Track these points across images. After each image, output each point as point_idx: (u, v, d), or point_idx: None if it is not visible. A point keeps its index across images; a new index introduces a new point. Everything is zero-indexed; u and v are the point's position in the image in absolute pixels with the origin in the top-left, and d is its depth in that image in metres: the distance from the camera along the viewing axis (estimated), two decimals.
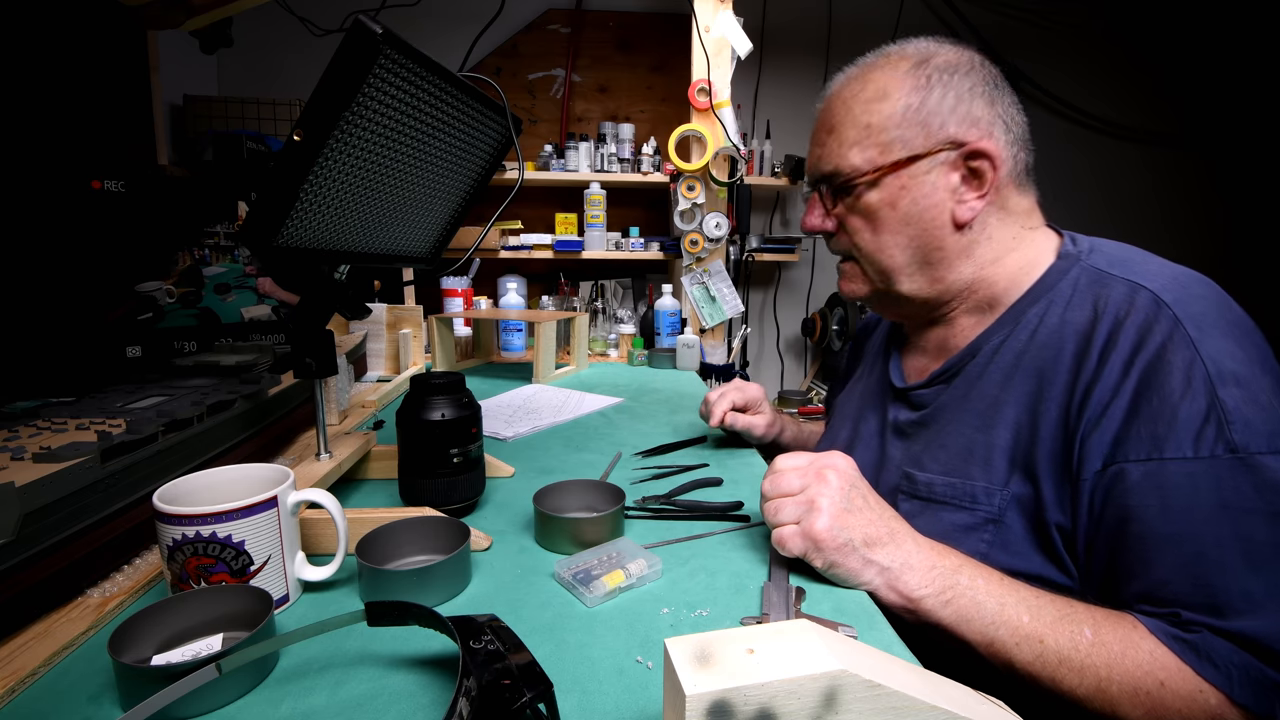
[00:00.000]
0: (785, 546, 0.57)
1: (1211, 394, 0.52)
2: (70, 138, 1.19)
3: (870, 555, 0.56)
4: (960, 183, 0.65)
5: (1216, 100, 3.03)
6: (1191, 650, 0.49)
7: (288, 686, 0.44)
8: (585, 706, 0.42)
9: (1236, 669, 0.48)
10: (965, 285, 0.69)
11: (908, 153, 0.65)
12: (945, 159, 0.65)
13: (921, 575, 0.55)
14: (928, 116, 0.64)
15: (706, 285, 1.94)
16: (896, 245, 0.68)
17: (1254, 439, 0.50)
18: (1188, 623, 0.50)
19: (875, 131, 0.66)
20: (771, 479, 0.61)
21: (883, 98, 0.66)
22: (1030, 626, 0.53)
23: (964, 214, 0.66)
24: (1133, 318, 0.57)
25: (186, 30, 1.24)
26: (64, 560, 0.51)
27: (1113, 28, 2.94)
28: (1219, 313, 0.56)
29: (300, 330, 0.66)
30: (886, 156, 0.66)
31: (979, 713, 0.35)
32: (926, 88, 0.65)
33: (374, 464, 0.83)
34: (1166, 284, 0.58)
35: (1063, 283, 0.64)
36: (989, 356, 0.66)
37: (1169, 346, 0.54)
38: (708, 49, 1.84)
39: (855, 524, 0.57)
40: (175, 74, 2.04)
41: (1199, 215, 3.12)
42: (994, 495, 0.61)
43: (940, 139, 0.64)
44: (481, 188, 0.84)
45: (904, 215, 0.66)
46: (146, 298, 0.95)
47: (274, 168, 0.54)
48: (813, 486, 0.58)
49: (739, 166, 1.95)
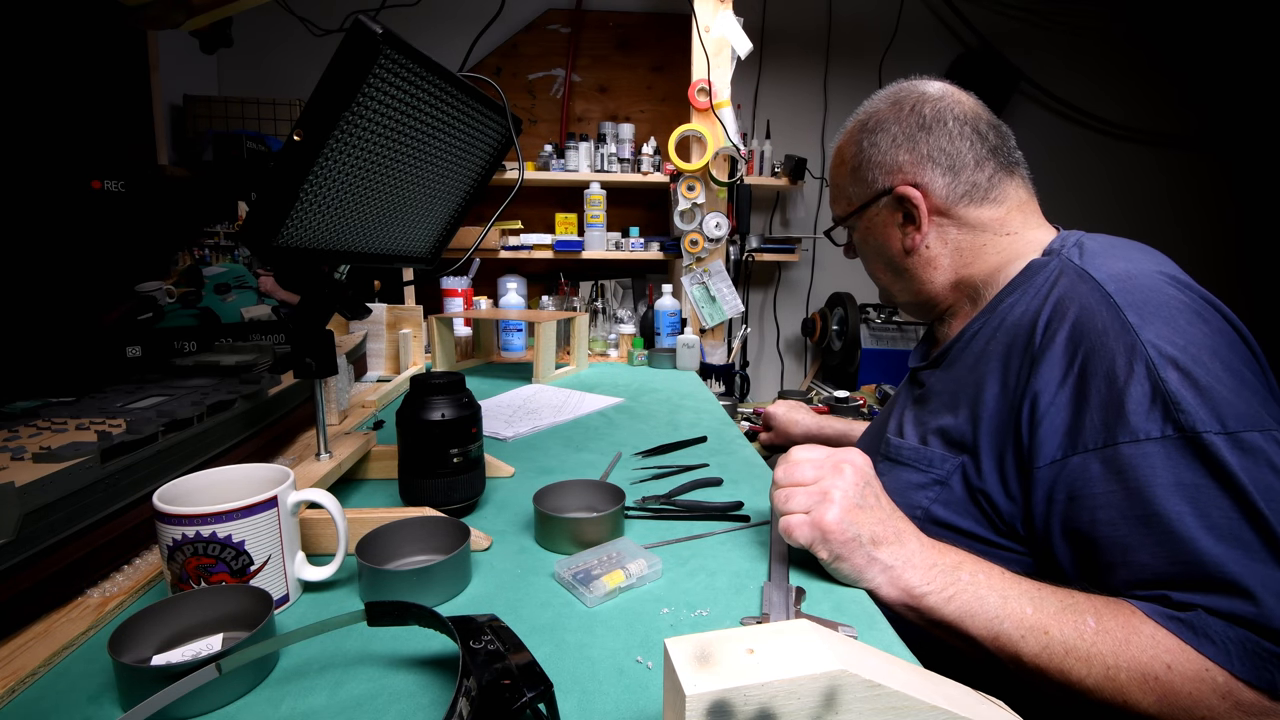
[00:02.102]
0: (792, 535, 0.57)
1: (1155, 377, 0.54)
2: (70, 138, 1.19)
3: (875, 553, 0.56)
4: (903, 219, 0.77)
5: (1232, 101, 3.02)
6: (1188, 629, 0.50)
7: (288, 686, 0.44)
8: (585, 706, 0.42)
9: (1233, 644, 0.48)
10: (947, 287, 0.77)
11: (860, 202, 0.80)
12: (884, 203, 0.78)
13: (924, 573, 0.56)
14: (864, 173, 0.79)
15: (706, 285, 1.94)
16: (878, 269, 0.84)
17: (1199, 419, 0.52)
18: (1180, 604, 0.51)
19: (841, 190, 0.83)
20: (785, 467, 0.61)
21: (841, 163, 0.83)
22: (1034, 618, 0.53)
23: (910, 243, 0.77)
24: (1073, 307, 0.60)
25: (186, 30, 1.24)
26: (64, 560, 0.51)
27: (1114, 28, 2.94)
28: (1164, 299, 0.57)
29: (300, 330, 0.66)
30: (849, 208, 0.82)
31: (979, 713, 0.35)
32: (861, 150, 0.79)
33: (374, 464, 0.83)
34: (1116, 274, 0.60)
35: (1039, 276, 0.68)
36: (967, 343, 0.72)
37: (1109, 333, 0.56)
38: (708, 49, 1.84)
39: (865, 521, 0.57)
40: (175, 74, 2.03)
41: (1213, 217, 3.12)
42: (946, 462, 0.68)
43: (875, 190, 0.78)
44: (481, 188, 0.84)
45: (874, 248, 0.82)
46: (146, 298, 0.95)
47: (274, 168, 0.54)
48: (827, 478, 0.58)
49: (739, 166, 1.95)
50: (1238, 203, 3.12)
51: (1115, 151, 3.03)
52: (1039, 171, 0.78)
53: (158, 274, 0.97)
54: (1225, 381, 0.53)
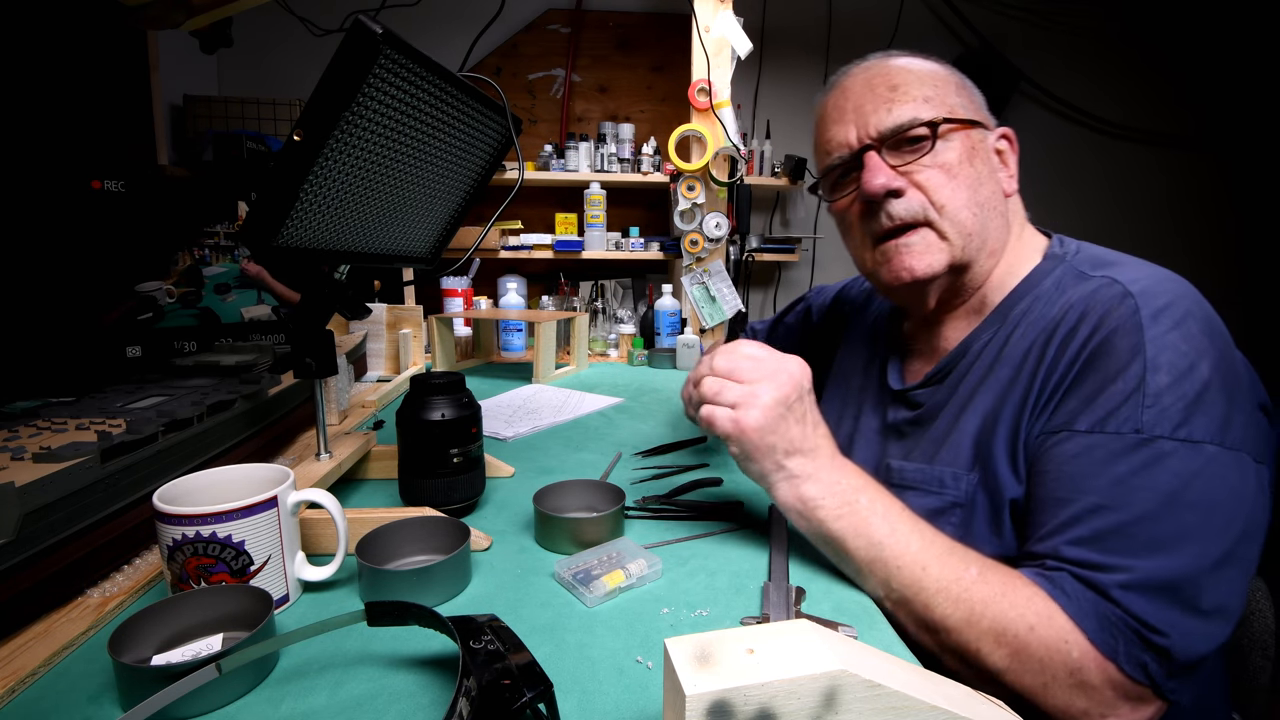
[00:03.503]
0: (713, 426, 0.58)
1: (1141, 378, 0.53)
2: (70, 138, 1.19)
3: (784, 461, 0.57)
4: (998, 160, 0.69)
5: (1231, 101, 3.02)
6: (1047, 580, 0.52)
7: (288, 686, 0.44)
8: (585, 706, 0.42)
9: (1086, 602, 0.50)
10: (985, 276, 0.69)
11: (969, 117, 0.67)
12: (992, 133, 0.70)
13: (824, 487, 0.57)
14: (971, 96, 0.70)
15: (706, 285, 1.94)
16: (975, 202, 0.66)
17: (1161, 423, 0.52)
18: (1052, 569, 0.53)
19: (941, 92, 0.67)
20: (726, 357, 0.60)
21: (935, 72, 0.69)
22: (916, 554, 0.54)
23: (1010, 186, 0.70)
24: (1098, 308, 0.59)
25: (186, 30, 1.24)
26: (64, 560, 0.51)
27: (1114, 28, 2.94)
28: (1181, 307, 0.56)
29: (300, 330, 0.66)
30: (955, 114, 0.66)
31: (979, 713, 0.35)
32: (963, 81, 0.70)
33: (374, 464, 0.83)
34: (1139, 278, 0.59)
35: (1046, 281, 0.66)
36: (976, 354, 0.68)
37: (1119, 331, 0.56)
38: (708, 49, 1.84)
39: (784, 430, 0.57)
40: (175, 74, 2.03)
41: (1211, 218, 3.11)
42: (960, 480, 0.64)
43: (984, 116, 0.69)
44: (481, 188, 0.84)
45: (978, 174, 0.66)
46: (146, 298, 0.95)
47: (274, 168, 0.54)
48: (762, 383, 0.58)
49: (739, 166, 1.95)
50: (1236, 203, 3.11)
51: (1114, 151, 3.03)
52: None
53: (158, 274, 0.97)
54: (1212, 395, 0.53)
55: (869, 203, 0.67)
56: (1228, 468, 0.51)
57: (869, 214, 0.69)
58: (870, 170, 0.66)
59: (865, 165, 0.67)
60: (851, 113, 0.69)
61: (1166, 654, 0.48)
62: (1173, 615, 0.49)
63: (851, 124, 0.68)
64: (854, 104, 0.68)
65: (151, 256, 0.97)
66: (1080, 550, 0.52)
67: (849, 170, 0.70)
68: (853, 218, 0.72)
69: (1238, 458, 0.52)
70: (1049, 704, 0.50)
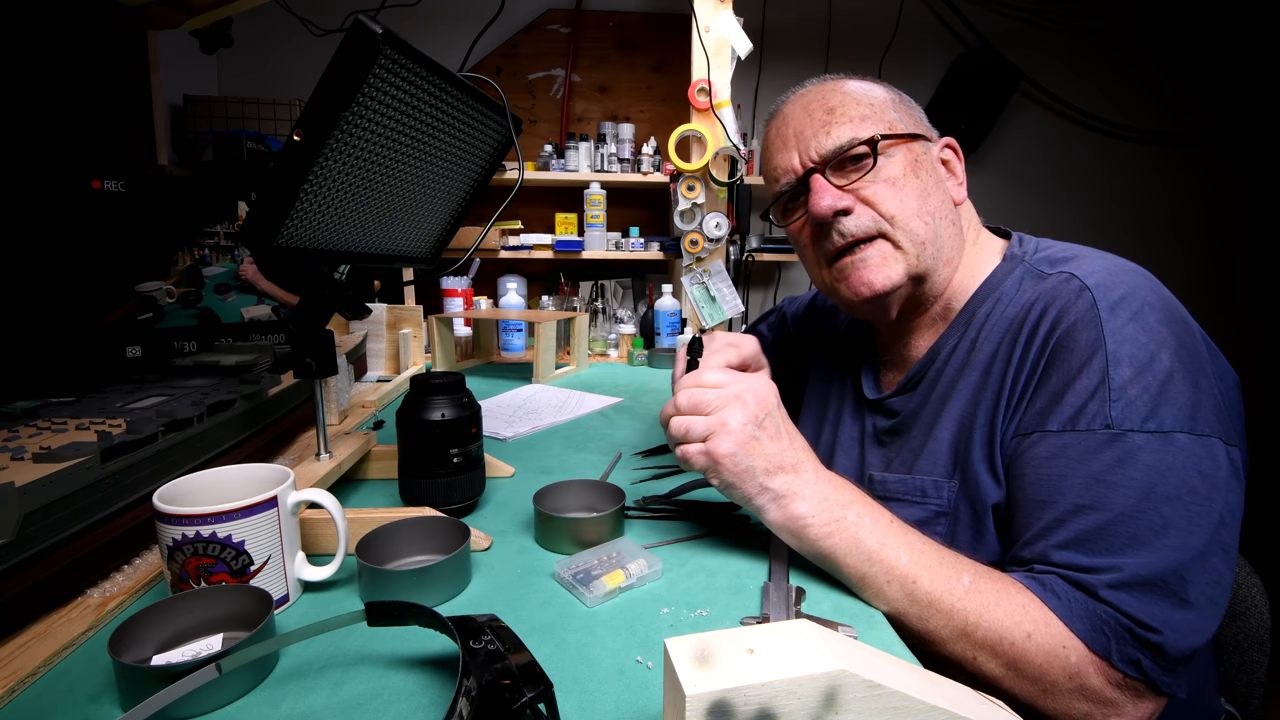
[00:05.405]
0: (689, 464, 0.58)
1: (1104, 372, 0.54)
2: (70, 138, 1.19)
3: (768, 482, 0.56)
4: (945, 170, 0.71)
5: (1231, 101, 3.01)
6: (1039, 585, 0.52)
7: (288, 686, 0.44)
8: (585, 706, 0.42)
9: (1076, 603, 0.50)
10: (945, 284, 0.71)
11: (909, 130, 0.69)
12: (934, 143, 0.71)
13: (812, 504, 0.56)
14: (909, 111, 0.71)
15: (706, 285, 1.94)
16: (926, 211, 0.67)
17: (1130, 417, 0.52)
18: (1041, 573, 0.53)
19: (878, 110, 0.69)
20: (688, 393, 0.59)
21: (870, 91, 0.71)
22: (907, 567, 0.54)
23: (959, 194, 0.71)
24: (1057, 304, 0.59)
25: (186, 30, 1.24)
26: (64, 560, 0.51)
27: (1114, 27, 2.94)
28: (1138, 298, 0.57)
29: (300, 330, 0.66)
30: (893, 129, 0.68)
31: (979, 713, 0.35)
32: (900, 96, 0.72)
33: (374, 464, 0.83)
34: (1094, 271, 0.60)
35: (1007, 282, 0.67)
36: (945, 359, 0.70)
37: (1078, 325, 0.57)
38: (708, 49, 1.84)
39: (760, 452, 0.56)
40: (175, 74, 2.03)
41: (1210, 217, 3.11)
42: (942, 488, 0.65)
43: (925, 128, 0.71)
44: (481, 188, 0.84)
45: (924, 184, 0.68)
46: (146, 298, 0.95)
47: (274, 168, 0.54)
48: (728, 408, 0.57)
49: (739, 166, 1.94)
50: (1236, 202, 3.11)
51: (1114, 151, 3.03)
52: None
53: (158, 274, 0.97)
54: (1177, 384, 0.53)
55: (819, 224, 0.69)
56: (1200, 456, 0.52)
57: (821, 235, 0.70)
58: (816, 193, 0.68)
59: (811, 188, 0.69)
60: (793, 139, 0.71)
61: (1160, 650, 0.48)
62: (1163, 611, 0.49)
63: (794, 150, 0.71)
64: (794, 130, 0.71)
65: (151, 256, 0.97)
66: (1067, 553, 0.52)
67: (797, 195, 0.72)
68: (805, 240, 0.74)
69: (1208, 443, 0.52)
70: (1051, 709, 0.50)
